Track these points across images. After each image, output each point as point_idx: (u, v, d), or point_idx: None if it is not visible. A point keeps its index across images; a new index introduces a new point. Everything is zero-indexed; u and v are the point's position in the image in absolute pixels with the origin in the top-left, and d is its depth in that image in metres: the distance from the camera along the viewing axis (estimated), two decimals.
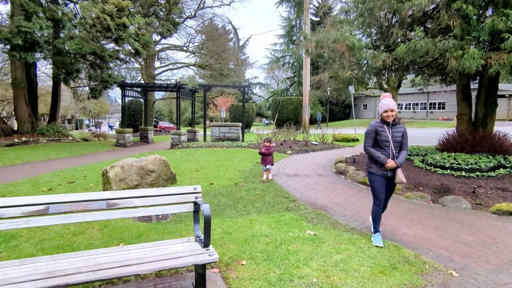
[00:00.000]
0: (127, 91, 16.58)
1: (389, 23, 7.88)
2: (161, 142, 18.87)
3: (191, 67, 33.53)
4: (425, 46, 5.92)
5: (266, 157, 7.02)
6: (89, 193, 2.57)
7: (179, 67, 32.97)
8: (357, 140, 16.22)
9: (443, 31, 6.71)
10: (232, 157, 10.23)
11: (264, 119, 55.15)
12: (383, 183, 3.64)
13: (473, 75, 7.93)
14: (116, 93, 55.89)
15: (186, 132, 16.92)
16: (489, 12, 6.48)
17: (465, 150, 7.35)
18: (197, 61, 32.45)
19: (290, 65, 45.10)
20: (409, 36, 7.11)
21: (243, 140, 15.86)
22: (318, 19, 39.47)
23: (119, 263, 2.22)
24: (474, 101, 7.65)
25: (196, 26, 31.63)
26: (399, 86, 29.07)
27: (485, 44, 6.34)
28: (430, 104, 37.03)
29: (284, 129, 15.75)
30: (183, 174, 7.38)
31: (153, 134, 20.13)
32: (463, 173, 6.36)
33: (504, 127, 10.15)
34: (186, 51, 31.42)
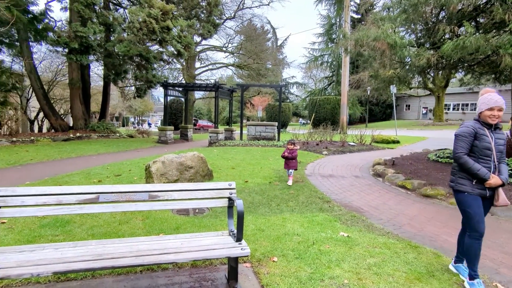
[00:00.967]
0: (169, 91, 17.39)
1: (435, 19, 7.46)
2: (200, 140, 19.52)
3: (230, 67, 34.24)
4: (476, 43, 5.54)
5: (289, 161, 6.50)
6: (134, 185, 2.79)
7: (218, 67, 33.80)
8: (398, 142, 15.52)
9: (497, 26, 6.23)
10: (267, 156, 10.32)
11: (301, 119, 54.62)
12: (481, 206, 2.73)
13: None
14: (159, 93, 58.68)
15: (224, 131, 17.34)
16: None
17: None
18: (236, 61, 33.03)
19: (329, 64, 44.21)
20: (458, 32, 6.68)
21: (279, 140, 15.90)
22: (359, 16, 38.23)
23: (159, 251, 2.39)
24: None
25: (235, 27, 32.22)
26: (446, 86, 27.27)
27: None
28: None
29: (321, 129, 15.52)
30: (220, 171, 7.60)
31: (192, 132, 20.87)
32: None
33: None
34: (225, 52, 32.12)
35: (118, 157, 10.45)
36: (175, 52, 14.61)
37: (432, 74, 20.52)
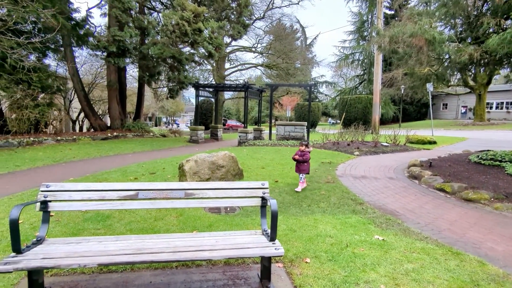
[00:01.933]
0: (200, 91, 17.78)
1: (479, 12, 7.01)
2: (229, 140, 19.77)
3: (259, 67, 34.35)
4: None
5: (300, 165, 5.87)
6: (170, 183, 2.89)
7: (247, 68, 34.03)
8: (435, 143, 14.76)
9: None
10: None
11: (330, 119, 53.63)
12: None
13: None
14: (190, 93, 60.09)
15: (253, 131, 17.44)
16: None
17: None
18: (265, 61, 33.08)
19: (360, 63, 43.03)
20: (504, 26, 6.23)
21: (308, 140, 15.72)
22: (393, 12, 36.85)
23: (194, 248, 2.46)
24: None
25: (265, 27, 32.26)
26: (489, 83, 25.54)
27: None
28: None
29: (352, 129, 15.14)
30: (250, 171, 7.65)
31: (222, 132, 21.18)
32: None
33: None
34: (254, 52, 32.28)
35: (152, 156, 10.85)
36: (206, 54, 14.91)
37: (474, 71, 19.29)
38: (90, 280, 2.77)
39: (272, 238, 2.57)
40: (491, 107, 34.85)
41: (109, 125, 18.89)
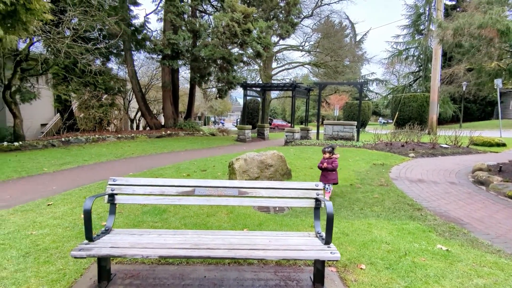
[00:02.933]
0: (248, 91, 18.04)
1: None
2: (275, 139, 19.78)
3: (306, 66, 33.84)
4: None
5: (327, 173, 5.18)
6: (224, 181, 2.96)
7: (294, 67, 33.72)
8: (504, 145, 13.25)
9: None
10: (346, 157, 9.89)
11: (381, 118, 51.07)
12: None
13: None
14: (237, 93, 61.50)
15: (300, 130, 17.24)
16: None
17: None
18: (312, 60, 32.50)
19: (415, 58, 40.25)
20: None
21: (358, 140, 15.10)
22: (454, 3, 33.86)
23: (248, 246, 2.48)
24: None
25: (313, 25, 31.69)
26: None
27: None
28: None
29: (406, 129, 14.20)
30: (298, 171, 7.57)
31: (268, 131, 21.28)
32: None
33: None
34: (302, 50, 31.85)
35: (202, 154, 11.26)
36: (255, 54, 15.08)
37: None
38: (150, 270, 2.95)
39: (327, 242, 2.50)
40: None
41: (163, 124, 20.02)
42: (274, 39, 24.28)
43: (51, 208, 4.66)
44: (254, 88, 19.29)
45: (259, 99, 27.10)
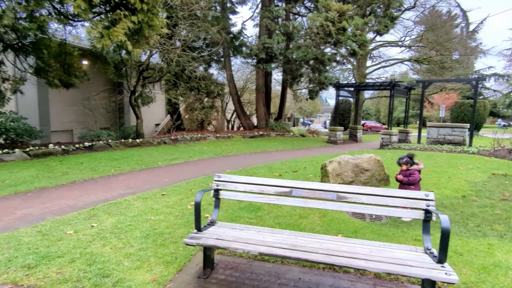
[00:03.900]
0: (340, 91, 17.41)
1: None
2: (369, 142, 18.57)
3: (405, 63, 30.71)
4: None
5: (406, 187, 4.47)
6: (321, 184, 2.91)
7: (392, 64, 30.98)
8: None
9: None
10: (456, 164, 8.63)
11: (500, 120, 42.93)
12: None
13: None
14: (327, 94, 59.76)
15: (398, 133, 15.79)
16: None
17: None
18: (413, 55, 29.31)
19: None
20: None
21: (471, 145, 12.99)
22: None
23: (348, 254, 2.38)
24: None
25: (415, 17, 28.53)
26: None
27: None
28: None
29: None
30: None
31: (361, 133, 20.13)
32: None
33: None
34: (401, 46, 29.06)
35: (293, 154, 11.36)
36: (349, 52, 14.46)
37: None
38: (247, 264, 3.11)
39: (440, 260, 2.21)
40: None
41: (256, 125, 20.95)
42: (370, 36, 22.76)
43: (165, 198, 5.37)
44: (347, 88, 18.48)
45: (351, 100, 25.83)
